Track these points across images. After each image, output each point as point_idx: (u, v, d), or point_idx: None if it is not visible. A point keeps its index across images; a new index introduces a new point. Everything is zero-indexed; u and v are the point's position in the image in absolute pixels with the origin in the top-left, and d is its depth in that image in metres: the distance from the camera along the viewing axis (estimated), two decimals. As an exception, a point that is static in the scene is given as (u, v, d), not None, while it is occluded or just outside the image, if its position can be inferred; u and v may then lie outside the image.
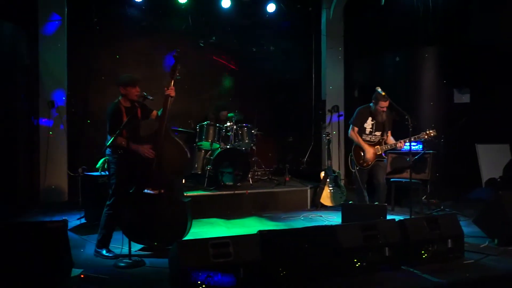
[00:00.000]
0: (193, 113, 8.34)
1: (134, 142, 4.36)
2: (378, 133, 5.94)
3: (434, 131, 5.60)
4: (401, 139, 5.73)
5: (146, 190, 4.40)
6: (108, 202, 4.41)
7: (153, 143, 4.42)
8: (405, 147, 5.76)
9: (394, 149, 5.87)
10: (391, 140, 5.91)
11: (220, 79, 8.80)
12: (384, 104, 5.71)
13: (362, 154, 5.88)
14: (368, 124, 5.92)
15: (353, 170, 6.01)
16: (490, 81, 7.60)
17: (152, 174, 4.38)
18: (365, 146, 5.88)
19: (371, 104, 5.88)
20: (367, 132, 5.94)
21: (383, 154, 5.89)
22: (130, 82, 4.46)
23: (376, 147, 5.88)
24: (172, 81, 4.57)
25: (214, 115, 7.95)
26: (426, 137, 5.60)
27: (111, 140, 4.17)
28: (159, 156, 4.40)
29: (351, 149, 6.06)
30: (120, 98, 4.52)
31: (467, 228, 5.18)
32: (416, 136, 5.52)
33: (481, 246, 4.72)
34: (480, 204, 6.08)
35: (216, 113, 7.98)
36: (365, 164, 5.88)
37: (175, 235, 4.36)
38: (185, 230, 4.48)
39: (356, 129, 5.94)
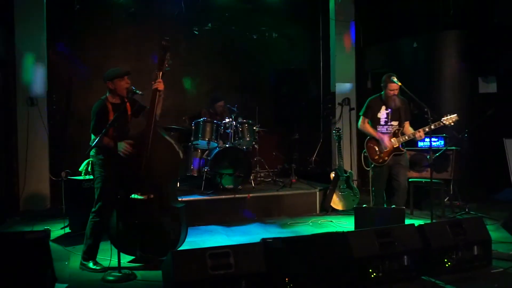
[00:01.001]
0: (188, 109, 8.34)
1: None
2: (395, 123, 5.74)
3: (456, 116, 5.42)
4: (420, 129, 5.52)
5: (133, 196, 4.39)
6: (93, 209, 4.41)
7: (141, 143, 4.40)
8: (424, 140, 5.66)
9: (413, 140, 5.69)
10: (409, 129, 5.70)
11: (217, 71, 8.79)
12: (393, 87, 5.59)
13: (377, 148, 5.71)
14: (382, 113, 5.76)
15: (368, 169, 5.89)
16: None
17: (140, 177, 4.37)
18: (379, 135, 5.69)
19: (382, 92, 5.80)
20: (382, 122, 5.76)
21: (400, 146, 5.66)
22: (117, 74, 4.45)
23: (392, 138, 5.68)
24: (161, 73, 4.53)
25: (208, 108, 7.90)
26: (447, 123, 5.41)
27: (96, 140, 4.16)
28: (148, 158, 4.38)
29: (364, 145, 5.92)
30: (107, 94, 4.52)
31: (495, 232, 5.17)
32: (436, 123, 5.37)
33: (511, 253, 4.68)
34: (509, 206, 6.07)
35: (211, 106, 7.93)
36: (381, 160, 5.68)
37: (168, 245, 4.36)
38: (178, 239, 4.47)
39: (366, 120, 5.81)
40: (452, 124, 5.46)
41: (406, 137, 5.62)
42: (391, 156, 5.66)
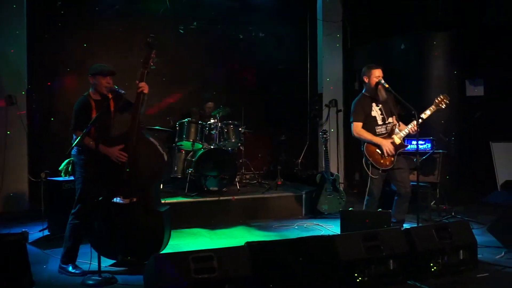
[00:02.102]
0: (173, 109, 8.32)
1: (105, 143, 4.31)
2: (391, 119, 5.39)
3: (446, 96, 5.20)
4: (412, 122, 5.25)
5: (115, 199, 4.35)
6: (73, 211, 4.35)
7: (124, 145, 4.36)
8: (411, 142, 5.52)
9: (408, 135, 5.38)
10: (403, 126, 5.39)
11: (203, 70, 8.77)
12: (377, 73, 5.29)
13: (380, 152, 5.27)
14: (376, 111, 5.38)
15: (375, 177, 5.28)
16: (507, 71, 7.65)
17: (123, 180, 4.33)
18: (380, 141, 5.26)
19: (363, 91, 5.50)
20: (380, 122, 5.37)
21: (406, 143, 5.36)
22: (101, 71, 4.41)
23: (391, 137, 5.32)
24: (145, 72, 4.49)
25: (199, 109, 7.93)
26: (440, 105, 5.20)
27: (77, 140, 4.12)
28: (131, 159, 4.34)
29: (362, 152, 5.36)
30: (90, 90, 4.48)
31: (481, 237, 5.22)
32: (429, 109, 5.17)
33: (497, 257, 4.74)
34: (496, 209, 6.14)
35: (201, 106, 7.95)
36: (388, 162, 5.26)
37: (150, 248, 4.33)
38: (161, 242, 4.45)
39: (360, 124, 5.34)
40: (447, 103, 5.21)
41: (405, 132, 5.30)
42: (396, 156, 5.30)
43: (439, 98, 5.24)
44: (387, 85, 5.25)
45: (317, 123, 9.25)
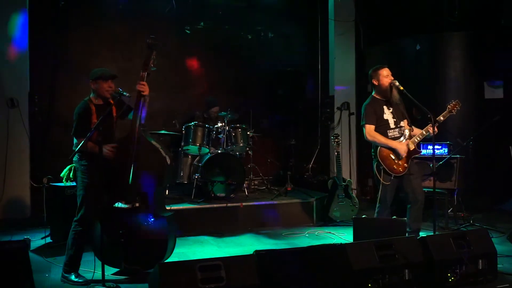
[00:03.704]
0: (178, 112, 8.34)
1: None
2: (403, 123, 5.36)
3: (458, 102, 5.23)
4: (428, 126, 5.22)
5: (117, 204, 4.37)
6: (75, 218, 4.38)
7: (125, 149, 4.39)
8: (427, 147, 5.47)
9: (425, 138, 5.34)
10: (417, 130, 5.36)
11: (210, 72, 8.80)
12: (386, 72, 5.30)
13: (393, 156, 5.21)
14: (388, 114, 5.34)
15: (387, 183, 5.21)
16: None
17: (125, 185, 4.35)
18: (395, 144, 5.21)
19: (372, 94, 5.47)
20: (392, 125, 5.32)
21: (421, 148, 5.39)
22: (101, 75, 4.45)
23: (406, 141, 5.28)
24: (145, 74, 4.51)
25: (203, 113, 7.95)
26: (453, 111, 5.22)
27: (80, 145, 4.15)
28: (133, 164, 4.36)
29: (374, 157, 5.31)
30: (91, 95, 4.52)
31: (501, 245, 5.19)
32: (441, 116, 5.17)
33: (518, 267, 4.71)
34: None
35: (206, 110, 7.98)
36: (401, 168, 5.21)
37: (153, 256, 4.34)
38: (165, 250, 4.45)
39: (373, 127, 5.28)
40: (458, 109, 5.24)
41: (420, 137, 5.26)
42: (409, 162, 5.27)
43: (452, 104, 5.26)
44: (401, 87, 5.23)
45: (328, 126, 9.22)
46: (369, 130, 5.29)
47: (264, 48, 9.10)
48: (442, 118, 5.20)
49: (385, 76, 5.29)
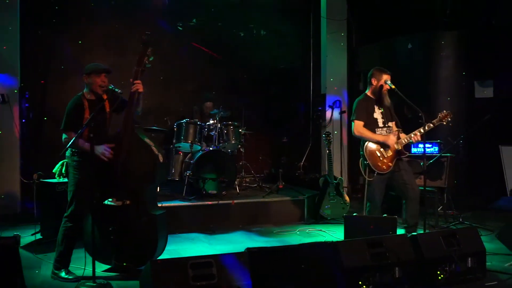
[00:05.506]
0: (171, 109, 8.33)
1: (99, 144, 4.30)
2: (391, 124, 5.48)
3: (450, 113, 5.32)
4: (415, 131, 5.33)
5: (107, 201, 4.35)
6: (65, 214, 4.35)
7: (117, 145, 4.37)
8: (418, 145, 5.53)
9: (407, 145, 5.47)
10: (403, 135, 5.44)
11: (202, 69, 8.78)
12: (389, 77, 5.39)
13: (379, 153, 5.31)
14: (377, 114, 5.44)
15: (370, 179, 5.32)
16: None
17: (116, 182, 4.33)
18: (383, 137, 5.31)
19: (366, 92, 5.56)
20: (380, 124, 5.42)
21: (402, 150, 5.38)
22: (95, 69, 4.43)
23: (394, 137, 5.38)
24: (140, 71, 4.49)
25: (197, 107, 7.95)
26: (443, 121, 5.32)
27: (70, 142, 4.12)
28: (124, 161, 4.34)
29: (360, 152, 5.43)
30: (84, 90, 4.48)
31: (490, 244, 5.23)
32: (430, 123, 5.25)
33: (506, 265, 4.73)
34: (505, 215, 6.14)
35: (199, 105, 7.98)
36: (385, 166, 5.29)
37: (144, 253, 4.33)
38: (155, 247, 4.44)
39: (362, 123, 5.36)
40: (449, 120, 5.33)
41: (406, 139, 5.34)
42: (394, 161, 5.34)
43: (443, 113, 5.34)
44: (393, 86, 5.29)
45: (320, 124, 9.24)
46: (358, 126, 5.38)
47: (256, 45, 9.10)
48: (431, 125, 5.27)
49: (386, 82, 5.36)
